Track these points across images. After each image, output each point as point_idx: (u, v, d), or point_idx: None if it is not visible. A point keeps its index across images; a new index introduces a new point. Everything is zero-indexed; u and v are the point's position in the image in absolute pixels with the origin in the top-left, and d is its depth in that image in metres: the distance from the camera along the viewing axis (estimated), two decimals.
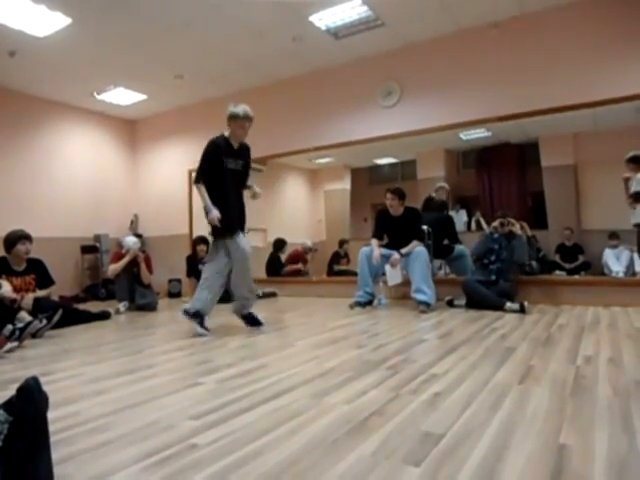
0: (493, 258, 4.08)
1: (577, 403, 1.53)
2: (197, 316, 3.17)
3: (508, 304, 3.73)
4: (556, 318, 3.39)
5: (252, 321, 3.32)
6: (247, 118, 3.16)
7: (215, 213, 3.07)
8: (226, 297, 3.64)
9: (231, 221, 3.17)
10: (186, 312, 3.19)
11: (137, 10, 4.20)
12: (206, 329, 3.17)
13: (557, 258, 6.21)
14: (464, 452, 1.18)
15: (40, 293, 3.78)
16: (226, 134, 3.21)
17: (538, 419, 1.40)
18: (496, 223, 4.19)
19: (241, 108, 3.14)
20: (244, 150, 3.32)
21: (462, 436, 1.28)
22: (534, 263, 4.35)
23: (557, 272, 5.73)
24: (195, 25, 4.52)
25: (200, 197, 3.15)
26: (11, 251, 3.72)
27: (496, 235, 4.15)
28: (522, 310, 3.61)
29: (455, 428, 1.34)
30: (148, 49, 5.02)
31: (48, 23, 4.31)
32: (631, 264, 5.44)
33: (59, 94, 6.17)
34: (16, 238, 3.71)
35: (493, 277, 4.02)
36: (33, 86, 5.85)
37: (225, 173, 3.15)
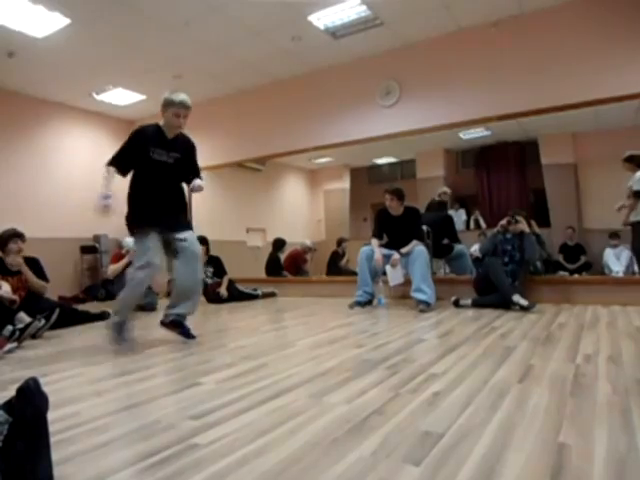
0: (507, 259, 4.04)
1: (577, 402, 1.54)
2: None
3: (516, 297, 3.69)
4: (556, 317, 3.40)
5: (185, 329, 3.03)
6: (182, 105, 2.84)
7: (104, 202, 2.85)
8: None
9: (149, 215, 2.86)
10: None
11: (136, 10, 4.20)
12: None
13: (561, 258, 6.21)
14: (464, 451, 1.18)
15: (35, 280, 3.73)
16: (160, 123, 2.92)
17: (538, 418, 1.40)
18: (504, 221, 4.17)
19: (177, 95, 2.86)
20: (182, 143, 3.00)
21: (462, 435, 1.28)
22: (539, 263, 4.35)
23: (560, 273, 5.73)
24: (194, 25, 4.52)
25: (104, 178, 2.87)
26: (4, 250, 3.70)
27: (509, 235, 4.12)
28: (526, 308, 3.60)
29: (455, 427, 1.34)
30: (147, 49, 5.02)
31: (47, 23, 4.30)
32: (631, 264, 5.44)
33: (58, 94, 6.17)
34: (7, 237, 3.68)
35: (509, 279, 3.93)
36: (32, 86, 5.84)
37: (150, 164, 2.84)
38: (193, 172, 3.05)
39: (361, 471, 1.10)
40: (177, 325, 2.96)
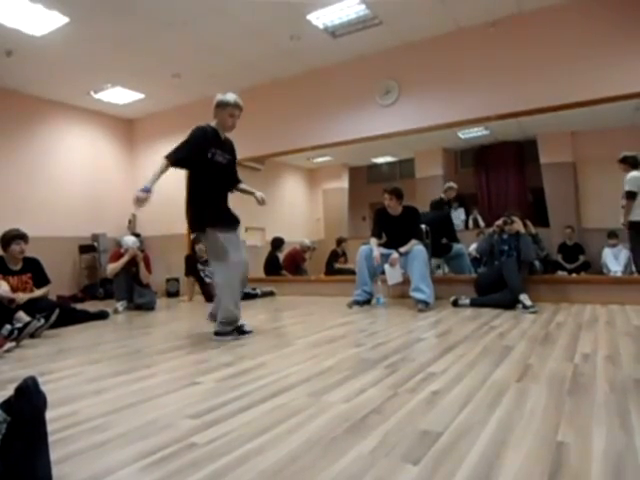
0: (504, 259, 4.06)
1: (575, 401, 1.54)
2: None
3: (523, 295, 3.70)
4: (554, 316, 3.40)
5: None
6: (237, 106, 2.91)
7: (142, 194, 2.64)
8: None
9: (230, 216, 3.02)
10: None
11: (134, 9, 4.19)
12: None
13: (559, 258, 6.22)
14: (462, 450, 1.18)
15: (37, 293, 3.77)
16: (212, 124, 2.96)
17: (536, 417, 1.40)
18: (500, 222, 4.19)
19: (230, 95, 2.92)
20: (230, 144, 3.09)
21: (460, 434, 1.28)
22: (537, 263, 4.36)
23: (559, 272, 5.74)
24: (192, 24, 4.51)
25: (155, 170, 2.72)
26: (6, 250, 3.72)
27: (505, 236, 4.14)
28: (527, 308, 3.60)
29: (453, 426, 1.34)
30: (145, 48, 5.01)
31: (45, 22, 4.29)
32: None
33: (56, 93, 6.15)
34: (10, 238, 3.70)
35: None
36: (30, 85, 5.83)
37: (213, 165, 2.89)
38: (235, 174, 3.17)
39: (360, 470, 1.10)
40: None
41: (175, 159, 2.78)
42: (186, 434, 1.36)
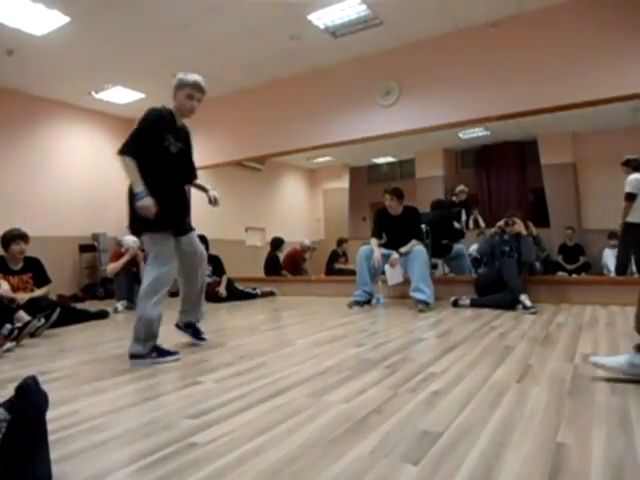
0: (504, 260, 4.05)
1: (575, 402, 1.54)
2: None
3: (523, 296, 3.70)
4: (554, 317, 3.40)
5: (197, 332, 2.82)
6: (197, 87, 2.50)
7: (151, 201, 2.34)
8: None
9: (179, 217, 2.56)
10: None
11: (135, 9, 4.19)
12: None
13: (560, 259, 6.21)
14: (462, 450, 1.18)
15: (37, 292, 3.77)
16: (169, 107, 2.55)
17: (536, 418, 1.40)
18: (501, 222, 4.19)
19: (192, 75, 2.53)
20: (186, 132, 2.66)
21: (460, 434, 1.28)
22: (537, 264, 4.37)
23: (559, 273, 5.74)
24: (193, 24, 4.51)
25: (126, 173, 2.38)
26: (7, 250, 3.72)
27: (506, 237, 4.14)
28: (527, 308, 3.61)
29: (453, 427, 1.34)
30: (146, 48, 5.01)
31: (46, 21, 4.30)
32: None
33: (57, 93, 6.16)
34: (10, 238, 3.70)
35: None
36: (31, 85, 5.83)
37: (168, 155, 2.47)
38: (191, 167, 2.72)
39: (360, 470, 1.10)
40: (189, 327, 2.83)
41: (133, 152, 2.35)
42: (186, 434, 1.36)
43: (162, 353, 2.40)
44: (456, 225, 5.42)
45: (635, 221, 4.19)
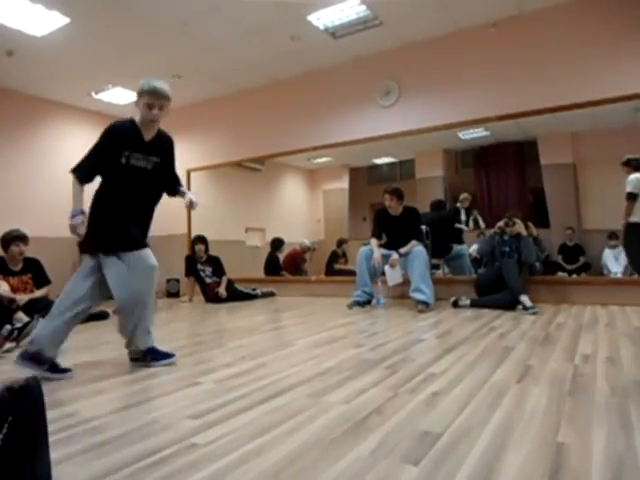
0: (504, 260, 4.05)
1: (575, 402, 1.54)
2: (39, 359, 2.12)
3: (524, 297, 3.70)
4: (554, 317, 3.40)
5: (158, 354, 2.36)
6: (154, 94, 2.26)
7: (79, 219, 2.19)
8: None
9: (125, 236, 2.28)
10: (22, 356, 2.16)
11: (135, 10, 4.19)
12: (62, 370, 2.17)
13: (560, 259, 6.21)
14: (463, 451, 1.18)
15: (37, 293, 3.77)
16: (136, 119, 2.35)
17: (536, 418, 1.40)
18: (501, 223, 4.19)
19: (149, 81, 2.30)
20: (162, 143, 2.44)
21: (461, 435, 1.28)
22: (538, 264, 4.38)
23: (559, 273, 5.74)
24: (193, 24, 4.51)
25: (72, 190, 2.24)
26: (6, 251, 3.72)
27: (506, 237, 4.14)
28: (527, 309, 3.60)
29: (454, 427, 1.34)
30: (146, 49, 5.01)
31: (46, 22, 4.30)
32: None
33: (57, 93, 6.16)
34: (10, 239, 3.70)
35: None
36: (31, 85, 5.83)
37: (125, 171, 2.29)
38: (172, 179, 2.55)
39: (360, 471, 1.10)
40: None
41: (82, 172, 2.26)
42: (186, 434, 1.36)
43: (158, 356, 2.34)
44: (465, 229, 5.69)
45: (638, 221, 4.18)
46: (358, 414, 1.48)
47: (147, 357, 2.32)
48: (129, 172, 2.31)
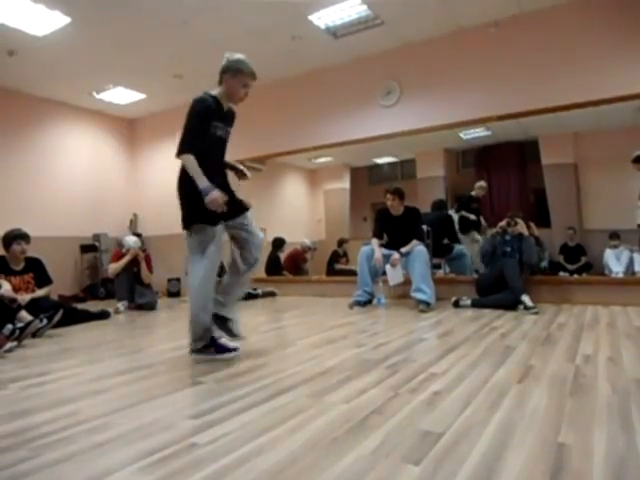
0: (505, 260, 4.05)
1: (576, 402, 1.54)
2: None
3: (525, 296, 3.69)
4: (555, 317, 3.40)
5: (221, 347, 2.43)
6: (252, 76, 2.44)
7: (218, 193, 2.27)
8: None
9: (236, 202, 2.51)
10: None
11: (136, 9, 4.19)
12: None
13: (561, 259, 6.21)
14: (463, 451, 1.18)
15: (39, 293, 3.78)
16: (214, 93, 2.43)
17: (537, 418, 1.40)
18: (503, 223, 4.18)
19: (243, 61, 2.46)
20: (232, 115, 2.60)
21: (461, 435, 1.28)
22: (544, 263, 4.38)
23: (561, 273, 5.74)
24: (194, 24, 4.51)
25: (189, 172, 2.28)
26: (8, 250, 3.73)
27: (508, 237, 4.13)
28: (528, 309, 3.60)
29: (454, 427, 1.34)
30: (147, 48, 5.01)
31: (47, 22, 4.30)
32: (630, 264, 5.44)
33: (58, 93, 6.16)
34: (12, 238, 3.71)
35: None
36: (32, 85, 5.84)
37: (212, 141, 2.44)
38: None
39: (360, 470, 1.10)
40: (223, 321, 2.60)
41: (189, 146, 2.29)
42: (187, 434, 1.36)
43: (221, 349, 2.35)
44: (472, 217, 5.82)
45: None
46: (359, 414, 1.48)
47: (210, 349, 2.34)
48: (214, 142, 2.46)
